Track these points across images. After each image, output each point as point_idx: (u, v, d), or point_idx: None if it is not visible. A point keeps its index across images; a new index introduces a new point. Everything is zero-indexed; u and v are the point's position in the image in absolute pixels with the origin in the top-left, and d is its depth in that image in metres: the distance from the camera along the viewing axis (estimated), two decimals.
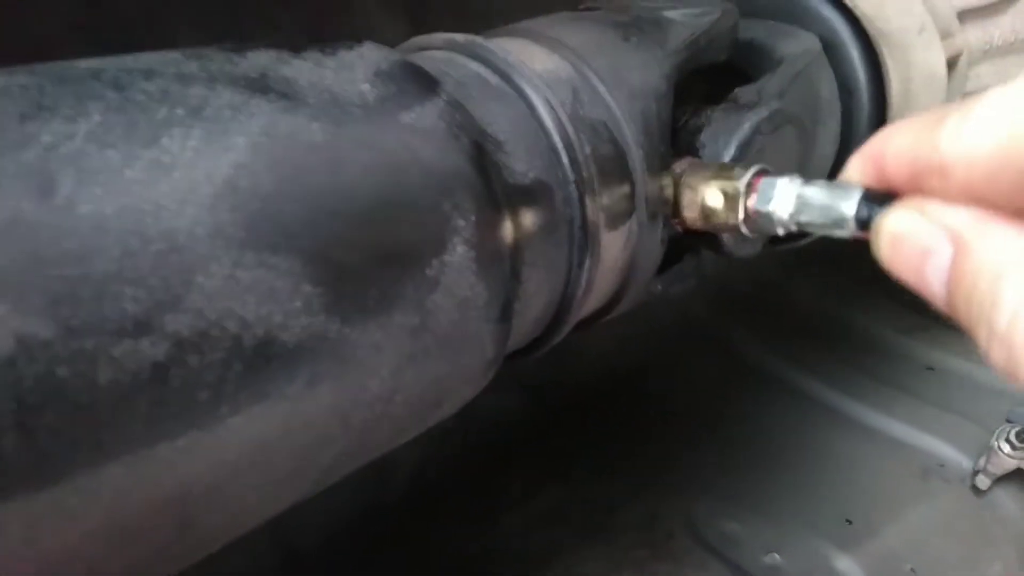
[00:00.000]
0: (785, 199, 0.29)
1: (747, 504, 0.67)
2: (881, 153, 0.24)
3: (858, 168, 0.25)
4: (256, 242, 0.22)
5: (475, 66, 0.32)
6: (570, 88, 0.33)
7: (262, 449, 0.23)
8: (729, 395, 0.79)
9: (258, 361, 0.22)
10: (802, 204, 0.28)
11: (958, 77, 0.54)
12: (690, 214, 0.36)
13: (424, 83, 0.28)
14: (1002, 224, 0.22)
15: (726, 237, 0.40)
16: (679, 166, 0.36)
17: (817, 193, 0.28)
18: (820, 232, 0.28)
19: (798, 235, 0.54)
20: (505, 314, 0.28)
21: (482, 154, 0.28)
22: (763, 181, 0.31)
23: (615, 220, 0.33)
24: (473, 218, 0.26)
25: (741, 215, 0.32)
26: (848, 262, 0.72)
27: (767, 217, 0.31)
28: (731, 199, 0.33)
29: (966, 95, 0.56)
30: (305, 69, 0.26)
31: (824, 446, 0.72)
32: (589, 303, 0.35)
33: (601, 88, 0.33)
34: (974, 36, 0.57)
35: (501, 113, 0.30)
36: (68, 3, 0.51)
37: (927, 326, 0.76)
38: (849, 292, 0.80)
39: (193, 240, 0.21)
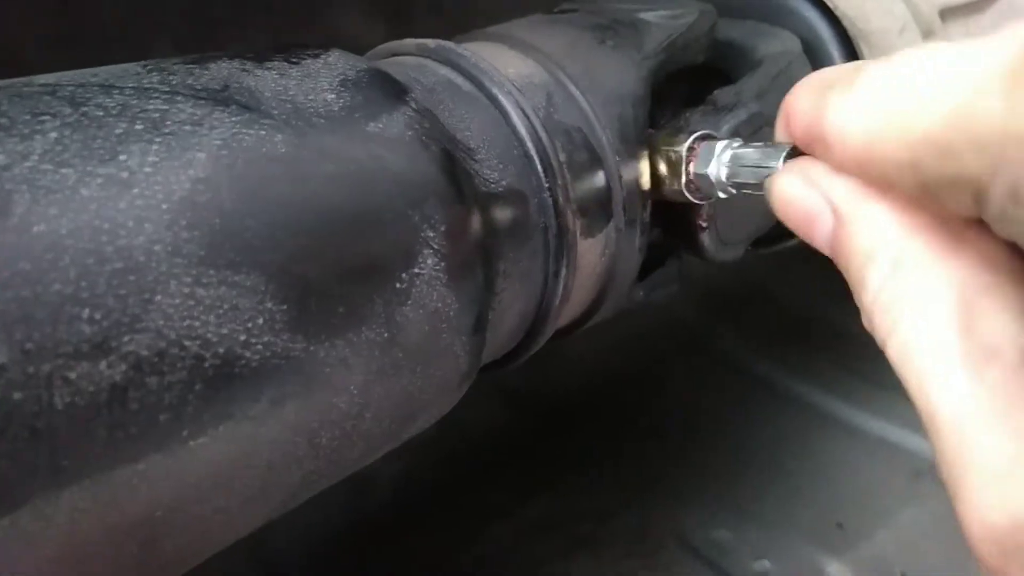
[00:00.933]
0: (722, 161, 0.30)
1: (737, 511, 0.66)
2: (787, 112, 0.24)
3: (780, 126, 0.25)
4: (217, 259, 0.21)
5: (446, 72, 0.31)
6: (544, 93, 0.32)
7: (226, 471, 0.22)
8: (718, 399, 0.79)
9: (220, 381, 0.21)
10: (736, 165, 0.29)
11: None
12: (645, 183, 0.35)
13: (392, 91, 0.27)
14: (878, 203, 0.22)
15: (707, 241, 0.39)
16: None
17: (750, 154, 0.28)
18: (757, 194, 0.28)
19: (780, 236, 0.54)
20: (479, 325, 0.28)
21: (452, 162, 0.27)
22: (703, 145, 0.31)
23: (592, 227, 0.33)
24: (444, 228, 0.26)
25: (683, 179, 0.33)
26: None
27: (706, 179, 0.31)
28: (674, 165, 0.33)
29: None
30: (269, 79, 0.25)
31: (814, 449, 0.71)
32: (567, 312, 0.35)
33: (576, 93, 0.33)
34: (956, 33, 0.57)
35: (473, 120, 0.30)
36: (41, 13, 0.50)
37: None
38: (839, 294, 0.80)
39: (151, 258, 0.21)
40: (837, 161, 0.23)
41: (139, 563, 0.22)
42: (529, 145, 0.30)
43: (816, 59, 0.45)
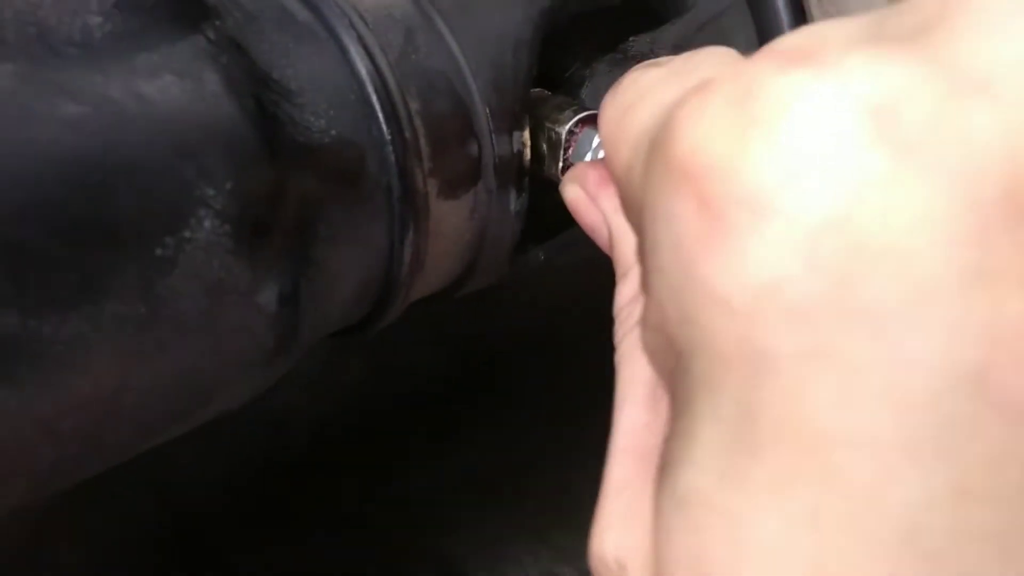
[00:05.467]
0: (599, 153, 0.26)
1: None
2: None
3: None
4: None
5: None
6: (403, 29, 0.28)
7: None
8: None
9: None
10: None
11: None
12: (527, 156, 0.31)
13: (189, 16, 0.23)
14: (623, 221, 0.22)
15: None
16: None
17: None
18: None
19: None
20: (287, 298, 0.24)
21: (258, 106, 0.23)
22: (584, 131, 0.28)
23: (454, 188, 0.29)
24: (229, 185, 0.22)
25: (560, 165, 0.29)
26: None
27: None
28: (554, 146, 0.29)
29: None
30: None
31: None
32: (430, 280, 0.31)
33: (444, 31, 0.29)
34: None
35: (302, 56, 0.25)
36: None
37: None
38: None
39: None
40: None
41: None
42: (369, 89, 0.26)
43: (759, 10, 0.40)
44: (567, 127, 0.29)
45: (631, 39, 0.35)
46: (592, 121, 0.29)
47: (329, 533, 0.62)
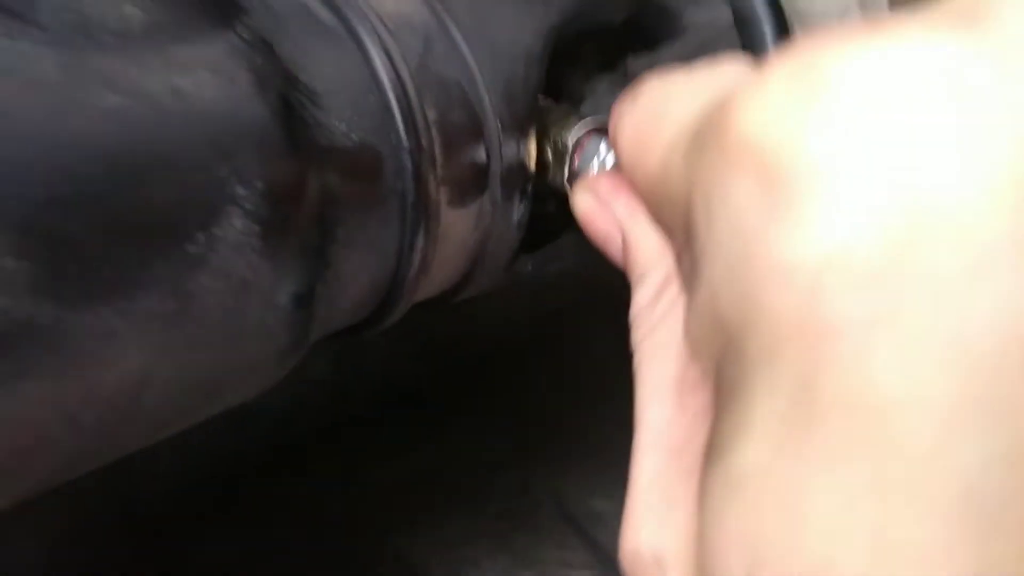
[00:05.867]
0: (606, 163, 0.26)
1: (620, 482, 0.66)
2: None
3: None
4: None
5: None
6: (422, 37, 0.28)
7: None
8: (625, 369, 0.77)
9: None
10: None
11: None
12: (530, 166, 0.31)
13: (221, 12, 0.23)
14: (647, 225, 0.22)
15: None
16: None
17: None
18: None
19: None
20: (303, 299, 0.24)
21: (286, 107, 0.23)
22: (591, 139, 0.28)
23: (462, 197, 0.29)
24: (260, 185, 0.22)
25: (566, 173, 0.29)
26: None
27: None
28: (560, 155, 0.29)
29: None
30: None
31: None
32: (431, 285, 0.32)
33: (460, 41, 0.29)
34: None
35: (326, 59, 0.26)
36: None
37: None
38: None
39: None
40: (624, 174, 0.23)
41: None
42: (390, 96, 0.26)
43: (747, 35, 0.41)
44: (574, 137, 0.29)
45: (630, 58, 0.36)
46: (598, 131, 0.30)
47: (288, 530, 0.61)
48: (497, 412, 0.71)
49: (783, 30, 0.41)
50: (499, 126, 0.30)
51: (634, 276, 0.23)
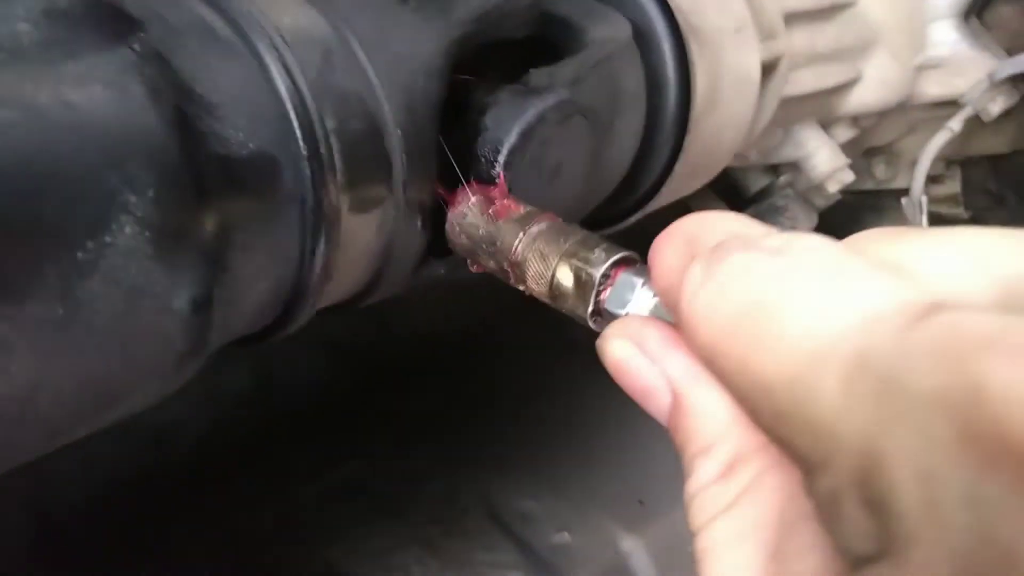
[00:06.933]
0: (641, 306, 0.25)
1: (546, 482, 0.67)
2: (651, 259, 0.23)
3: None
4: None
5: (204, 11, 0.27)
6: (321, 50, 0.29)
7: None
8: (551, 369, 0.78)
9: None
10: (659, 313, 0.24)
11: (777, 80, 0.54)
12: (536, 287, 0.30)
13: (115, 27, 0.23)
14: (718, 391, 0.20)
15: None
16: (536, 225, 0.30)
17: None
18: None
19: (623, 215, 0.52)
20: (201, 303, 0.25)
21: (181, 118, 0.24)
22: (621, 277, 0.26)
23: (364, 204, 0.30)
24: (151, 193, 0.22)
25: (590, 308, 0.27)
26: None
27: (615, 318, 0.26)
28: (583, 286, 0.27)
29: (784, 99, 0.56)
30: None
31: (630, 424, 0.73)
32: (337, 289, 0.32)
33: (360, 54, 0.30)
34: (799, 40, 0.57)
35: (223, 71, 0.26)
36: None
37: None
38: None
39: None
40: (685, 337, 0.21)
41: None
42: (288, 106, 0.27)
43: (646, 50, 0.43)
44: (601, 269, 0.27)
45: (531, 71, 0.37)
46: (627, 264, 0.27)
47: (213, 544, 0.61)
48: (416, 420, 0.72)
49: (679, 45, 0.44)
50: (399, 135, 0.31)
51: (692, 445, 0.21)
